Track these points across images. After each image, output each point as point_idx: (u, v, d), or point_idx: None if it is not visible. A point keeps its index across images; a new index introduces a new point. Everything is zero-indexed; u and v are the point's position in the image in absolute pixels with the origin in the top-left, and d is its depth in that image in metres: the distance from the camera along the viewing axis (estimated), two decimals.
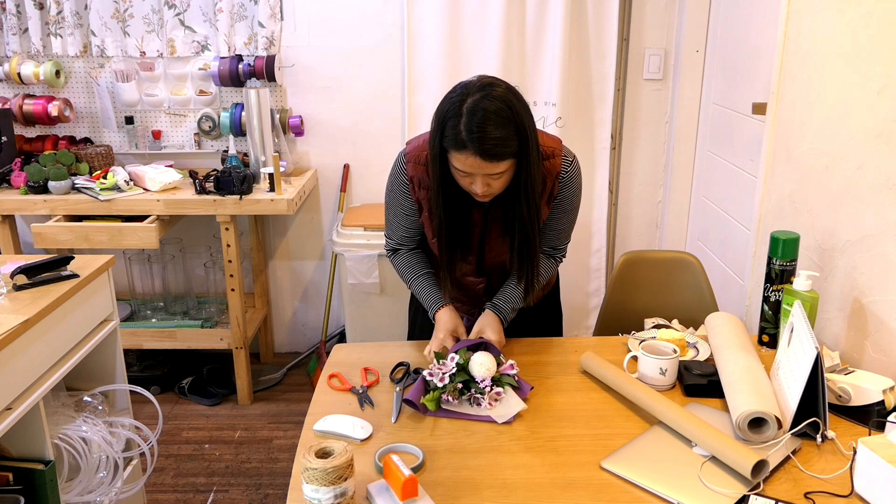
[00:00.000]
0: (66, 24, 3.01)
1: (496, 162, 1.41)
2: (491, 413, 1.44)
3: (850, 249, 1.66)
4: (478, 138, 1.38)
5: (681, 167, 3.14)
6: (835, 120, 1.74)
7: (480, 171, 1.44)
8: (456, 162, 1.45)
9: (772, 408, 1.33)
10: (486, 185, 1.47)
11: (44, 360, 1.65)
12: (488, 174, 1.44)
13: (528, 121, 1.44)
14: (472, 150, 1.39)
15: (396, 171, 1.66)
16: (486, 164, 1.41)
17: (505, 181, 1.49)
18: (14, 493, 1.56)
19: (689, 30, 2.96)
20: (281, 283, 3.43)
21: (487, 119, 1.39)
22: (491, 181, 1.47)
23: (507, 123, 1.40)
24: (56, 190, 2.77)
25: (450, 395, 1.46)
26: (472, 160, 1.41)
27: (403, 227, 1.72)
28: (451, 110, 1.42)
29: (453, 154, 1.44)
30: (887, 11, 1.53)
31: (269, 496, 2.48)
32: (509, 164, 1.44)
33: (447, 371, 1.47)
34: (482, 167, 1.42)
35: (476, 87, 1.43)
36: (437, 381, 1.46)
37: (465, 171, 1.45)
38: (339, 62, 3.11)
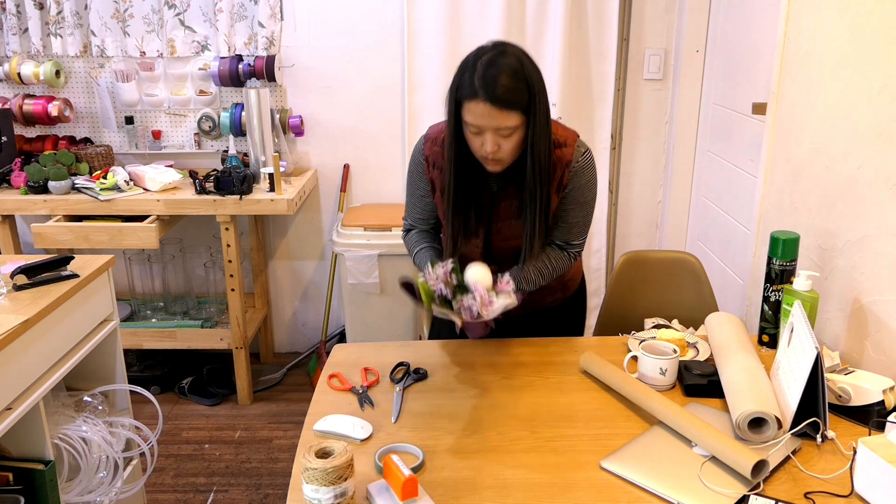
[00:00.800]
0: (66, 24, 3.01)
1: (505, 111, 1.45)
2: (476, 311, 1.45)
3: (850, 249, 1.66)
4: (490, 85, 1.43)
5: (681, 167, 3.14)
6: (835, 120, 1.74)
7: (490, 124, 1.46)
8: (468, 115, 1.48)
9: (772, 408, 1.33)
10: (496, 145, 1.49)
11: (44, 360, 1.65)
12: (497, 128, 1.47)
13: (538, 82, 1.49)
14: (483, 97, 1.44)
15: (415, 152, 1.72)
16: (496, 112, 1.44)
17: (514, 143, 1.51)
18: (14, 493, 1.56)
19: (689, 30, 2.96)
20: (281, 283, 3.43)
21: (500, 70, 1.44)
22: (500, 140, 1.49)
23: (519, 77, 1.45)
24: (56, 190, 2.77)
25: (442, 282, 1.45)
26: (483, 108, 1.44)
27: (418, 209, 1.76)
28: (468, 66, 1.48)
29: (466, 106, 1.47)
30: (887, 11, 1.53)
31: (269, 496, 2.48)
32: (518, 120, 1.47)
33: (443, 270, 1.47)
34: (492, 116, 1.45)
35: (490, 47, 1.49)
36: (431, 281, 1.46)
37: (476, 125, 1.48)
38: (339, 62, 3.11)
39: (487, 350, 1.72)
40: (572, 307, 1.93)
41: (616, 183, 3.28)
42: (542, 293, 1.79)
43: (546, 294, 1.81)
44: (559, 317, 1.89)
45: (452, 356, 1.69)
